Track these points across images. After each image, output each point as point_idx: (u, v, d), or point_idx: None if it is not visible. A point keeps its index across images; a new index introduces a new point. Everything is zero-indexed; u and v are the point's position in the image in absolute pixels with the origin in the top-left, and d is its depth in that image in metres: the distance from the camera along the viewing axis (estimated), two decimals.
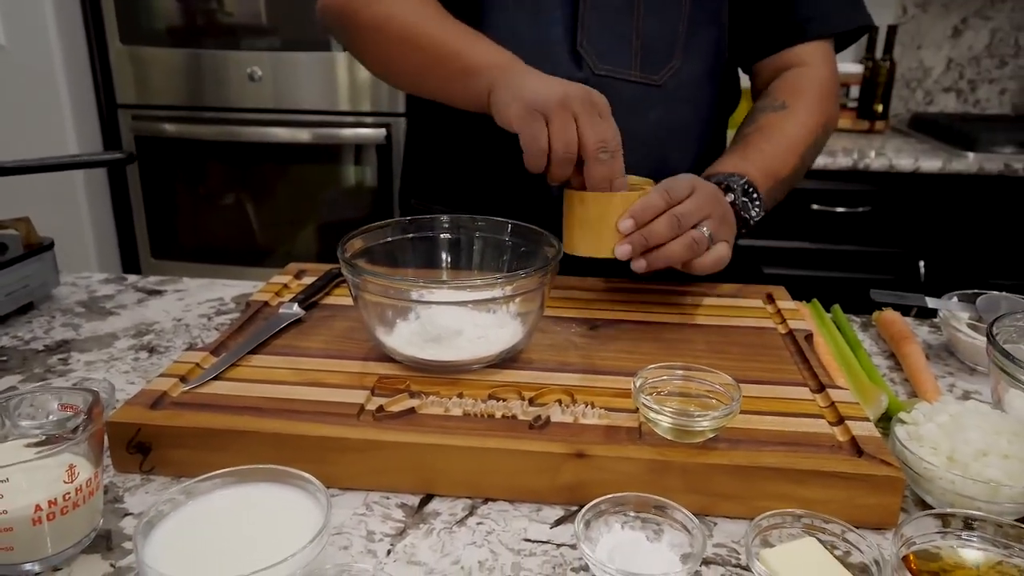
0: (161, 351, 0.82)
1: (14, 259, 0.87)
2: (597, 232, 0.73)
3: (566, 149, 0.71)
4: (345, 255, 0.70)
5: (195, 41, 2.10)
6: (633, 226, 0.71)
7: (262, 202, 2.24)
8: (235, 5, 2.09)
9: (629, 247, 0.71)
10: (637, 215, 0.71)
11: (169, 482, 0.60)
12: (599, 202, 0.73)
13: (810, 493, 0.56)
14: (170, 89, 2.14)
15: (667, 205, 0.72)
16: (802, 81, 0.91)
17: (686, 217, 0.72)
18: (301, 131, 2.13)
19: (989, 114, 2.43)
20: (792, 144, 0.88)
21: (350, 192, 2.21)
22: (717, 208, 0.75)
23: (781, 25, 0.93)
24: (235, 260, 2.28)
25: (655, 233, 0.71)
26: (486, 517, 0.57)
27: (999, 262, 2.00)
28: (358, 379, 0.67)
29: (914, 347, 0.80)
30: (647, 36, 0.88)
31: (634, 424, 0.61)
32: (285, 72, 2.08)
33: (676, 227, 0.71)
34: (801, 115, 0.89)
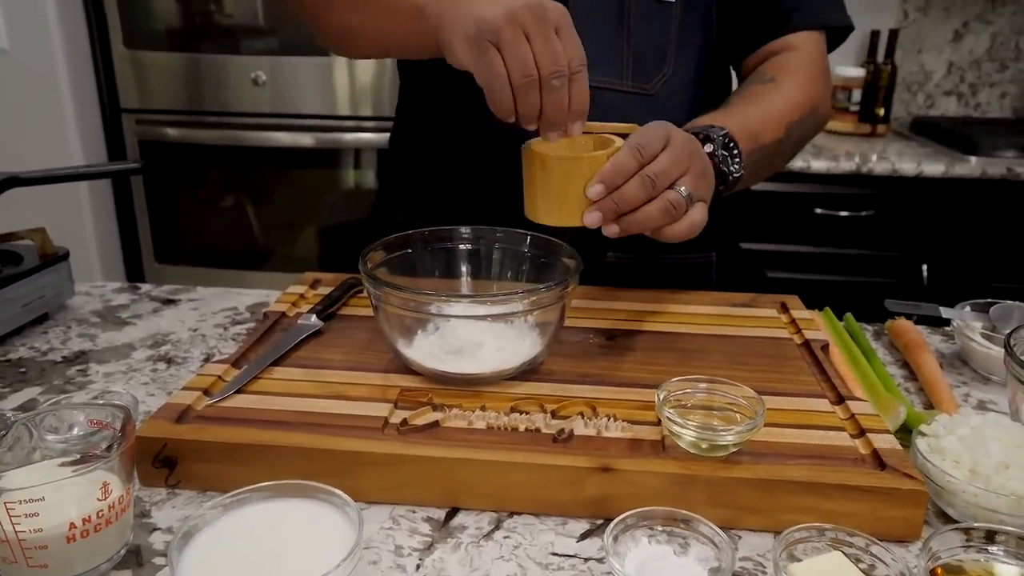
0: (179, 362, 0.83)
1: (30, 270, 0.87)
2: (562, 199, 0.66)
3: (524, 72, 0.62)
4: (367, 267, 0.70)
5: (199, 45, 2.10)
6: (603, 191, 0.64)
7: (266, 206, 2.24)
8: (238, 9, 2.09)
9: (599, 215, 0.65)
10: (607, 179, 0.64)
11: (195, 496, 0.60)
12: (563, 165, 0.65)
13: (834, 506, 0.56)
14: (173, 93, 2.13)
15: (639, 165, 0.65)
16: (791, 62, 0.89)
17: (661, 176, 0.65)
18: (304, 135, 2.13)
19: (990, 118, 2.44)
20: (777, 113, 0.84)
21: (353, 196, 2.21)
22: (695, 162, 0.69)
23: (766, 18, 0.92)
24: (239, 264, 2.28)
25: (628, 197, 0.65)
26: (512, 531, 0.57)
27: (1002, 266, 2.01)
28: (380, 392, 0.68)
29: (929, 357, 0.81)
30: (639, 45, 0.86)
31: (657, 437, 0.62)
32: (289, 76, 2.08)
33: (651, 188, 0.65)
34: (789, 89, 0.86)
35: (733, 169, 0.76)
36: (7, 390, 0.76)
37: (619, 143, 0.68)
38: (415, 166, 1.01)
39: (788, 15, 0.90)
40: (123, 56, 2.10)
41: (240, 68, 2.09)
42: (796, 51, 0.89)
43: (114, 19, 2.07)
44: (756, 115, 0.82)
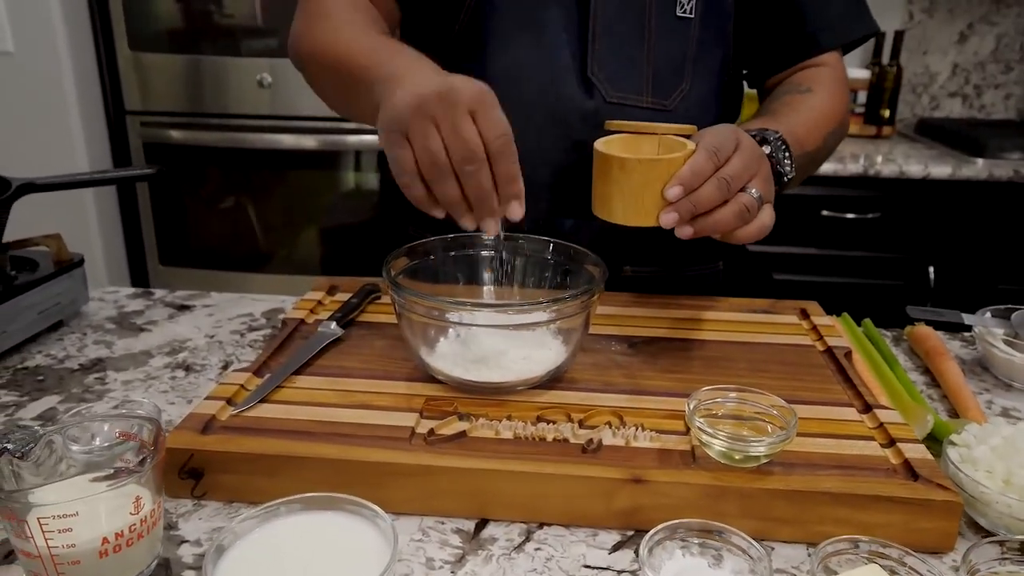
0: (197, 369, 0.82)
1: (46, 276, 0.87)
2: (639, 199, 0.67)
3: (430, 161, 0.62)
4: (390, 274, 0.70)
5: (203, 47, 2.09)
6: (681, 193, 0.65)
7: (270, 208, 2.23)
8: (244, 12, 2.08)
9: (676, 215, 0.65)
10: (686, 181, 0.65)
11: (221, 507, 0.60)
12: (643, 167, 0.66)
13: (867, 517, 0.56)
14: (178, 95, 2.13)
15: (715, 168, 0.65)
16: (821, 75, 0.90)
17: (736, 179, 0.66)
18: (308, 137, 2.13)
19: (995, 119, 2.44)
20: (818, 121, 0.85)
21: (359, 198, 2.21)
22: (763, 166, 0.70)
23: (792, 39, 0.92)
24: (244, 266, 2.27)
25: (704, 199, 0.65)
26: (543, 543, 0.57)
27: (1009, 269, 2.01)
28: (405, 401, 0.67)
29: (951, 364, 0.80)
30: (658, 60, 0.86)
31: (686, 447, 0.61)
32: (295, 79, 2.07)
33: (726, 191, 0.65)
34: (826, 99, 0.88)
35: (787, 171, 0.76)
36: (25, 399, 0.76)
37: (690, 145, 0.68)
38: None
39: (815, 36, 0.90)
40: (128, 58, 2.10)
41: (244, 70, 2.09)
42: (824, 67, 0.90)
43: (119, 21, 2.06)
44: (800, 122, 0.83)
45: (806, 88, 0.88)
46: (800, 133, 0.81)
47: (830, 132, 0.87)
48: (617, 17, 0.83)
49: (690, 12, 0.85)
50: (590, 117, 0.84)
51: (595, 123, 0.84)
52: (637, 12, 0.84)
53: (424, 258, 0.76)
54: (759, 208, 0.68)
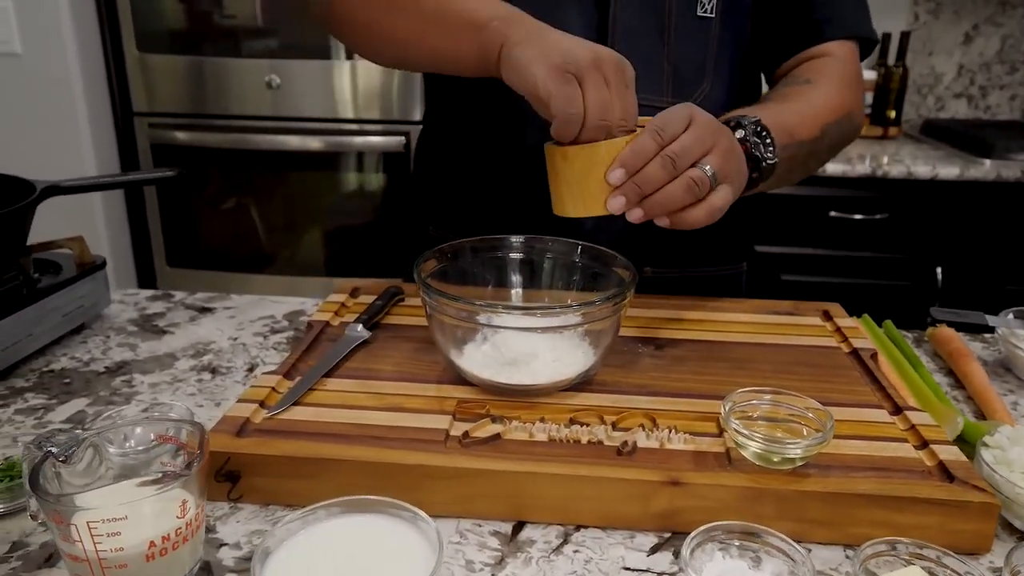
0: (223, 372, 0.82)
1: (70, 279, 0.87)
2: (584, 188, 0.66)
3: (602, 115, 0.64)
4: (421, 276, 0.70)
5: (212, 49, 2.09)
6: (624, 175, 0.64)
7: (278, 209, 2.23)
8: (251, 13, 2.08)
9: (622, 199, 0.65)
10: (627, 162, 0.64)
11: (257, 510, 0.60)
12: (584, 154, 0.66)
13: (904, 519, 0.56)
14: (186, 97, 2.13)
15: (660, 146, 0.64)
16: (826, 66, 0.89)
17: (682, 155, 0.64)
18: (317, 139, 2.13)
19: (1000, 120, 2.45)
20: (813, 112, 0.83)
21: (368, 200, 2.21)
22: (720, 140, 0.67)
23: (799, 28, 0.91)
24: (251, 267, 2.27)
25: (649, 179, 0.64)
26: (581, 545, 0.57)
27: (1016, 269, 2.01)
28: (437, 403, 0.67)
29: (976, 365, 0.81)
30: (679, 60, 0.86)
31: (720, 449, 0.61)
32: (304, 80, 2.08)
33: (672, 168, 0.64)
34: (824, 91, 0.86)
35: (767, 155, 0.75)
36: (54, 402, 0.76)
37: (639, 131, 0.67)
38: (444, 180, 1.00)
39: (821, 25, 0.90)
40: (136, 59, 2.10)
41: (252, 72, 2.09)
42: (830, 57, 0.89)
43: (127, 22, 2.06)
44: (791, 112, 0.81)
45: (805, 80, 0.87)
46: (790, 122, 0.79)
47: (830, 123, 0.85)
48: (637, 18, 0.84)
49: (711, 11, 0.85)
50: None
51: None
52: (657, 13, 0.84)
53: (453, 260, 0.76)
54: (712, 184, 0.66)
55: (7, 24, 1.99)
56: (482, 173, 0.93)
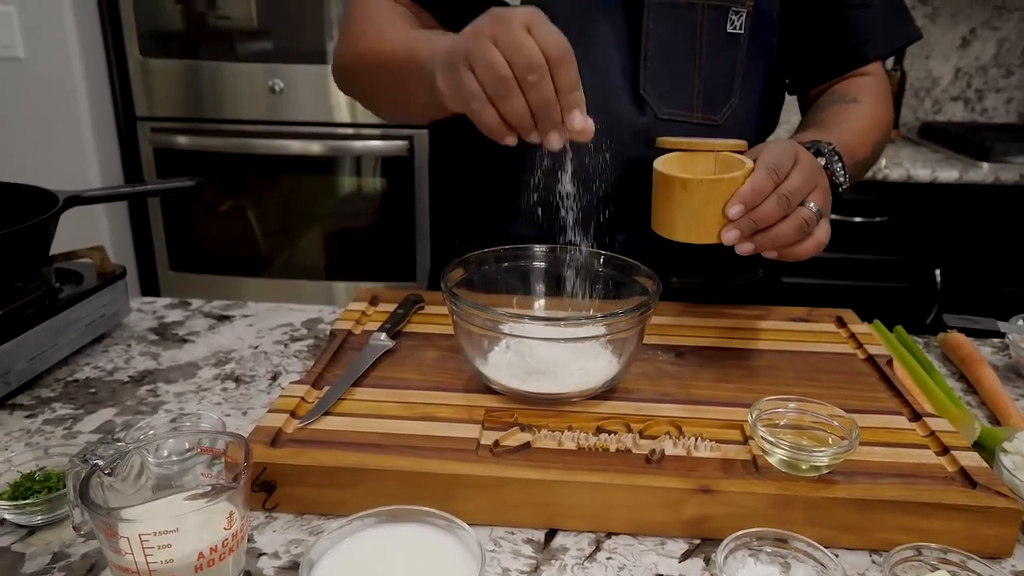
0: (247, 380, 0.83)
1: (92, 289, 0.87)
2: (700, 217, 0.69)
3: (494, 75, 0.61)
4: (448, 286, 0.71)
5: (215, 53, 2.09)
6: (743, 211, 0.67)
7: (282, 214, 2.24)
8: (255, 18, 2.09)
9: (737, 232, 0.67)
10: (747, 200, 0.66)
11: (293, 520, 0.61)
12: (705, 187, 0.68)
13: (929, 525, 0.57)
14: (189, 101, 2.13)
15: (775, 184, 0.67)
16: (866, 84, 0.92)
17: (794, 195, 0.67)
18: (319, 143, 2.14)
19: (996, 123, 2.48)
20: (867, 131, 0.87)
21: (370, 204, 2.21)
22: (821, 179, 0.71)
23: (838, 51, 0.94)
24: (254, 271, 2.28)
25: (764, 216, 0.67)
26: (614, 552, 0.58)
27: (1015, 272, 2.04)
28: (467, 412, 0.68)
29: (988, 371, 0.82)
30: (708, 76, 0.87)
31: (746, 456, 0.63)
32: (307, 85, 2.08)
33: (786, 207, 0.67)
34: (872, 109, 0.89)
35: (841, 180, 0.78)
36: (81, 412, 0.76)
37: (748, 163, 0.69)
38: (464, 194, 1.01)
39: (861, 47, 0.92)
40: (139, 64, 2.10)
41: (256, 76, 2.09)
42: (868, 76, 0.92)
43: (130, 27, 2.06)
44: (850, 132, 0.85)
45: (852, 98, 0.90)
46: (851, 142, 0.83)
47: (878, 141, 0.90)
48: (669, 34, 0.85)
49: (740, 28, 0.86)
50: (642, 133, 0.86)
51: (647, 139, 0.86)
52: (688, 29, 0.85)
53: (478, 269, 0.77)
54: (818, 222, 0.69)
55: (10, 29, 1.99)
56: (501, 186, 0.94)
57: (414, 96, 0.78)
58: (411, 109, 0.85)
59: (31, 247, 0.82)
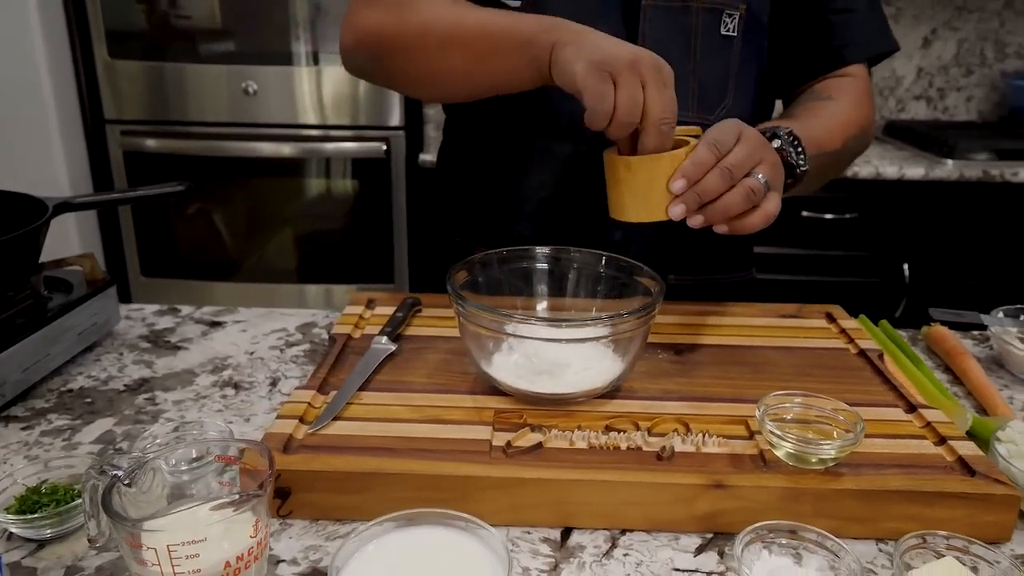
0: (246, 387, 0.82)
1: (84, 297, 0.86)
2: (646, 195, 0.71)
3: (630, 114, 0.68)
4: (455, 288, 0.71)
5: (185, 55, 2.06)
6: (685, 185, 0.69)
7: (259, 218, 2.21)
8: (226, 19, 2.06)
9: (683, 207, 0.70)
10: (689, 174, 0.69)
11: (308, 526, 0.61)
12: (647, 165, 0.70)
13: (932, 513, 0.59)
14: (159, 104, 2.09)
15: (717, 158, 0.70)
16: (844, 85, 0.94)
17: (738, 167, 0.70)
18: (295, 146, 2.12)
19: (957, 121, 2.55)
20: (838, 125, 0.89)
21: (350, 206, 2.20)
22: (768, 153, 0.74)
23: (819, 53, 0.96)
24: (228, 276, 2.25)
25: (709, 188, 0.69)
26: (630, 548, 0.59)
27: (980, 265, 2.10)
28: (476, 414, 0.69)
29: (973, 362, 0.85)
30: (703, 78, 0.89)
31: (754, 451, 0.64)
32: (281, 87, 2.06)
33: (729, 179, 0.69)
34: (846, 107, 0.91)
35: (800, 162, 0.80)
36: (79, 422, 0.75)
37: (694, 142, 0.72)
38: (468, 192, 1.02)
39: (841, 51, 0.94)
40: (108, 65, 2.06)
41: (228, 78, 2.06)
42: (848, 77, 0.94)
43: (98, 28, 2.02)
44: (818, 124, 0.87)
45: (827, 96, 0.92)
46: (818, 133, 0.85)
47: (851, 137, 0.91)
48: (664, 37, 0.86)
49: (734, 31, 0.88)
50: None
51: None
52: (683, 31, 0.86)
53: (482, 271, 0.78)
54: (766, 192, 0.72)
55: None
56: (504, 184, 0.95)
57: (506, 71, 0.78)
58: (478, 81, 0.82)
59: (22, 256, 0.80)
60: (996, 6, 2.43)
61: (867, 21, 0.94)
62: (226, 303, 1.04)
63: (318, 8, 2.02)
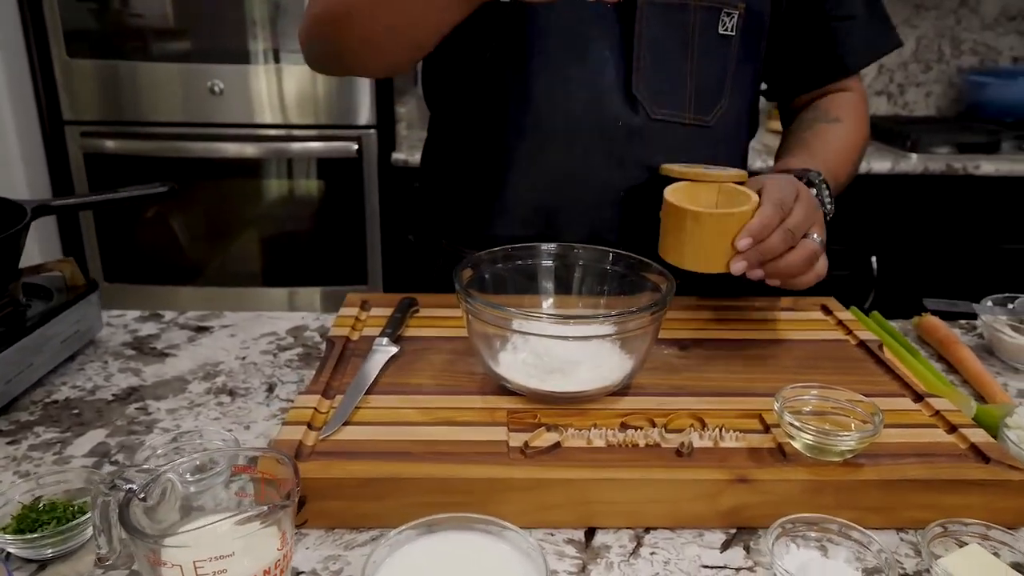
0: (242, 393, 0.80)
1: (66, 303, 0.82)
2: (710, 249, 0.73)
3: None
4: (464, 287, 0.70)
5: (147, 54, 2.00)
6: (751, 244, 0.71)
7: (229, 220, 2.16)
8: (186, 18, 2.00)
9: (745, 263, 0.72)
10: (755, 233, 0.71)
11: (324, 535, 0.59)
12: (716, 220, 0.72)
13: (950, 500, 0.60)
14: (120, 104, 2.03)
15: (780, 219, 0.72)
16: (848, 102, 0.96)
17: (798, 229, 0.73)
18: (260, 146, 2.07)
19: (917, 116, 2.61)
20: (848, 152, 0.93)
21: (321, 207, 2.16)
22: (819, 214, 0.77)
23: (822, 61, 0.97)
24: (195, 280, 2.19)
25: (772, 248, 0.71)
26: (655, 546, 0.58)
27: (945, 257, 2.15)
28: (488, 415, 0.67)
29: (967, 351, 0.86)
30: (700, 78, 0.89)
31: (771, 444, 0.64)
32: (248, 86, 2.02)
33: (791, 240, 0.72)
34: (853, 130, 0.94)
35: (829, 210, 0.84)
36: (69, 435, 0.72)
37: (753, 196, 0.74)
38: (452, 194, 1.00)
39: (843, 59, 0.96)
40: (66, 65, 1.98)
41: (191, 77, 2.01)
42: (849, 92, 0.96)
43: (55, 27, 1.95)
44: (834, 156, 0.90)
45: (834, 117, 0.94)
46: (834, 167, 0.89)
47: (855, 161, 0.95)
48: (661, 35, 0.85)
49: (731, 30, 0.88)
50: (635, 134, 0.87)
51: (640, 140, 0.87)
52: (680, 30, 0.86)
53: (489, 269, 0.76)
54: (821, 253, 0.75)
55: None
56: (493, 187, 0.93)
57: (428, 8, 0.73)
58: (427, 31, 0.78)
59: (1, 262, 0.77)
60: (952, 4, 2.50)
61: (866, 26, 0.95)
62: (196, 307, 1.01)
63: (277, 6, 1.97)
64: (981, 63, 2.56)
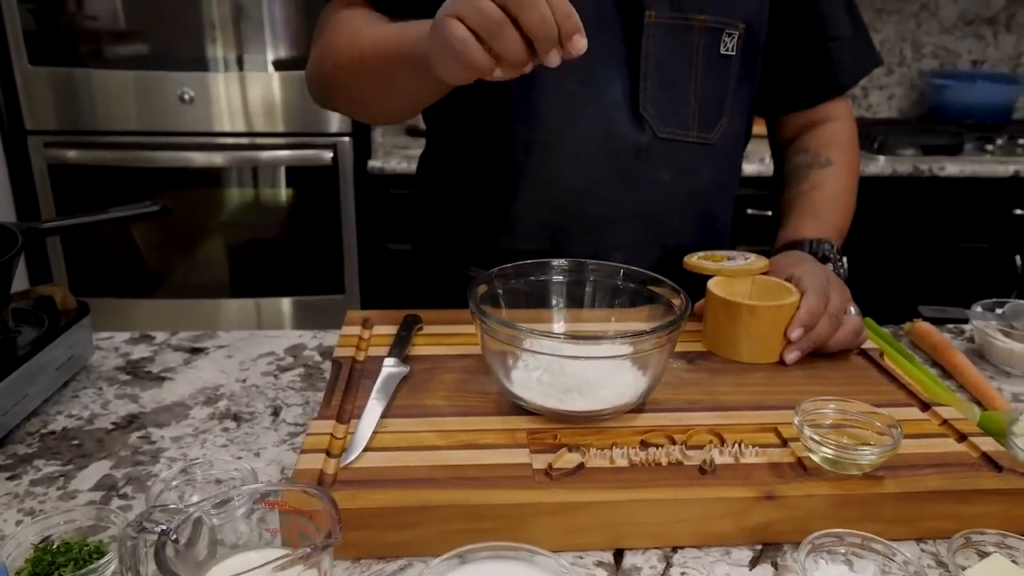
0: (247, 418, 0.78)
1: (60, 329, 0.79)
2: (766, 340, 0.79)
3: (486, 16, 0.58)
4: (479, 307, 0.69)
5: (112, 62, 1.95)
6: (803, 334, 0.78)
7: (197, 231, 2.11)
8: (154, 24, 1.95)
9: (798, 353, 0.79)
10: (806, 323, 0.78)
11: (350, 566, 0.58)
12: (771, 312, 0.78)
13: (969, 510, 0.61)
14: (88, 113, 1.97)
15: (825, 306, 0.79)
16: (837, 137, 0.99)
17: (840, 312, 0.80)
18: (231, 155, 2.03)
19: (880, 118, 2.66)
20: (847, 199, 0.98)
21: (295, 216, 2.12)
22: (848, 289, 0.84)
23: (816, 80, 0.99)
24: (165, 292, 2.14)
25: (822, 335, 0.79)
26: (685, 566, 0.59)
27: (913, 258, 2.20)
28: (509, 436, 0.67)
29: (962, 357, 0.88)
30: (703, 97, 0.90)
31: (791, 459, 0.65)
32: (221, 94, 1.98)
33: (836, 324, 0.79)
34: (847, 170, 0.98)
35: (843, 274, 0.89)
36: (71, 467, 0.69)
37: (789, 286, 0.81)
38: (455, 210, 0.99)
39: (837, 78, 0.98)
40: (29, 74, 1.92)
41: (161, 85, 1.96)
42: (837, 121, 0.98)
43: (16, 35, 1.88)
44: (840, 215, 0.96)
45: (826, 160, 0.97)
46: (840, 223, 0.95)
47: (855, 198, 1.00)
48: (667, 55, 0.86)
49: (732, 50, 0.89)
50: (642, 152, 0.87)
51: (647, 158, 0.87)
52: (685, 50, 0.87)
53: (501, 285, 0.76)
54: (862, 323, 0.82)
55: None
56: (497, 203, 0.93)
57: (402, 84, 0.77)
58: (399, 99, 0.82)
59: None
60: (913, 8, 2.56)
61: (853, 44, 0.97)
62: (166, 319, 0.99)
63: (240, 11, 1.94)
64: (941, 66, 2.63)
